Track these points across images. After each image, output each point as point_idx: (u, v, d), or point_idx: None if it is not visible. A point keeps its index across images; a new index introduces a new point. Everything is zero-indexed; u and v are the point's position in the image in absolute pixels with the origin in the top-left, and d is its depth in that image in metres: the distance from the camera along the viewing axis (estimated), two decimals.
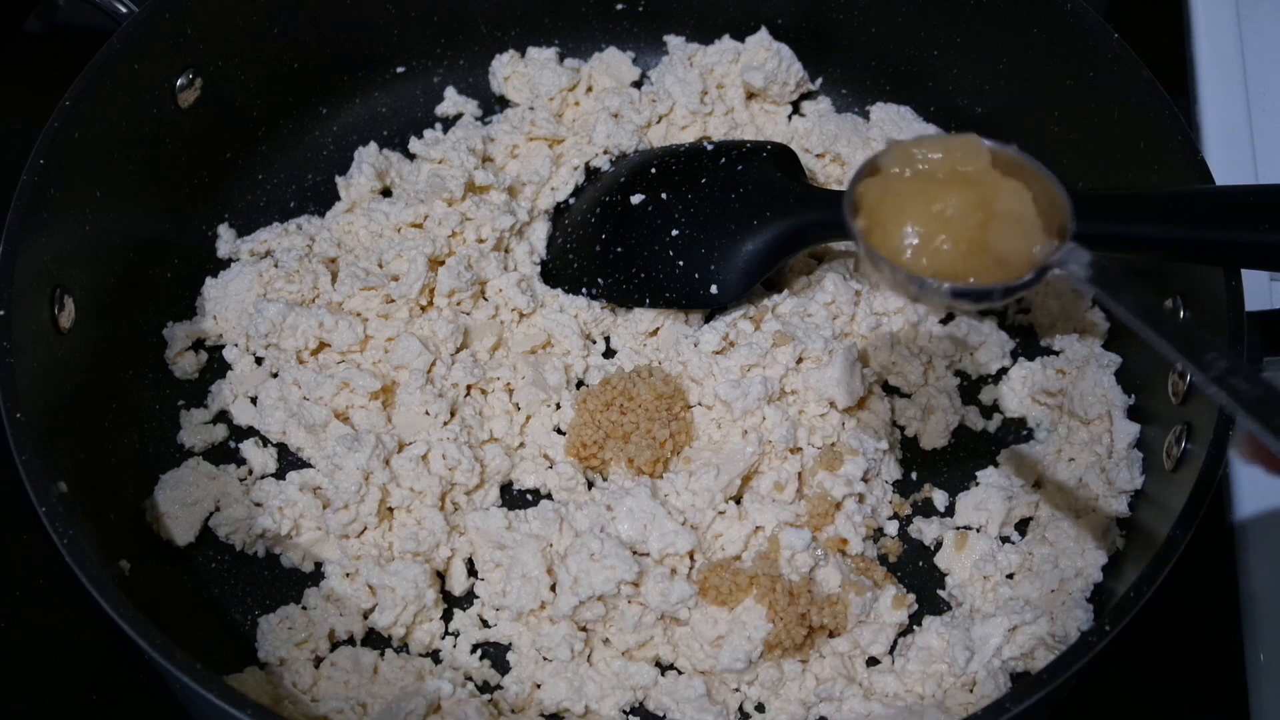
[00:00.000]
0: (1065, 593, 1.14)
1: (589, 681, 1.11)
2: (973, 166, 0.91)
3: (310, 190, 1.41)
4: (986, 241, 0.89)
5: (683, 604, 1.10)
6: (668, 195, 1.30)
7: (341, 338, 1.24)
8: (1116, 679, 1.09)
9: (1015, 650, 1.10)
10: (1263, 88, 1.53)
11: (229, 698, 0.88)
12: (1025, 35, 1.31)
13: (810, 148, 1.41)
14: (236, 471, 1.22)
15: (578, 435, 1.21)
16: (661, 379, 1.22)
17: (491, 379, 1.26)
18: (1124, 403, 1.23)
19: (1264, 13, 1.58)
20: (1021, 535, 1.21)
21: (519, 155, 1.41)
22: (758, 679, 1.11)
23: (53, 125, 1.13)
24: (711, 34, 1.47)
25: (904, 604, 1.14)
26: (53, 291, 1.12)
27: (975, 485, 1.23)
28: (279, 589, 1.18)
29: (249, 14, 1.32)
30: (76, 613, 1.13)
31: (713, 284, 1.26)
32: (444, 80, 1.48)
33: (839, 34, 1.44)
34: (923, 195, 0.91)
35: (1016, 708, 0.91)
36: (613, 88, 1.44)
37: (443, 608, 1.17)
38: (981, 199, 0.90)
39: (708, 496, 1.16)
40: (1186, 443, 1.09)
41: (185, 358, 1.29)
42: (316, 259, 1.32)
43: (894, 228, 0.91)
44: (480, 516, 1.17)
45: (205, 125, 1.32)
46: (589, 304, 1.30)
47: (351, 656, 1.12)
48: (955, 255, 0.89)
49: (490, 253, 1.31)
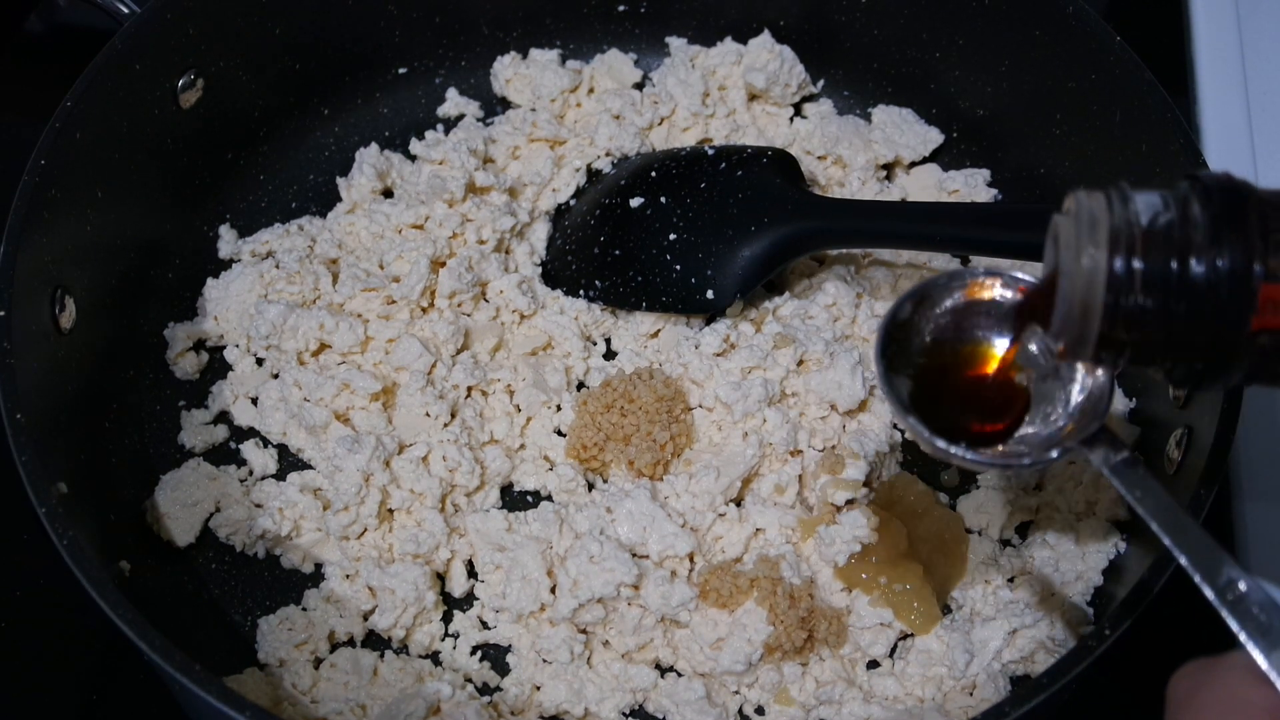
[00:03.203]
0: (1065, 596, 1.14)
1: (589, 684, 1.11)
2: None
3: (311, 191, 1.41)
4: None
5: (683, 606, 1.10)
6: (667, 199, 1.30)
7: (342, 339, 1.24)
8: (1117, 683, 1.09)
9: (1015, 654, 1.10)
10: (1263, 88, 1.52)
11: (228, 699, 0.88)
12: (1027, 37, 1.31)
13: (812, 150, 1.41)
14: (237, 472, 1.22)
15: (578, 437, 1.21)
16: (662, 381, 1.22)
17: (492, 380, 1.26)
18: (1125, 406, 1.23)
19: (1264, 13, 1.58)
20: (1022, 538, 1.21)
21: (520, 156, 1.41)
22: (757, 681, 1.11)
23: (54, 125, 1.13)
24: (714, 36, 1.47)
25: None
26: (53, 292, 1.12)
27: (976, 488, 1.23)
28: (279, 590, 1.18)
29: (251, 15, 1.32)
30: (76, 613, 1.12)
31: (709, 289, 1.26)
32: (446, 81, 1.48)
33: (841, 36, 1.44)
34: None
35: (1016, 711, 0.91)
36: (614, 89, 1.44)
37: (443, 609, 1.17)
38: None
39: (708, 499, 1.16)
40: (1188, 447, 1.09)
41: (186, 358, 1.29)
42: (317, 260, 1.32)
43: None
44: (480, 518, 1.17)
45: (207, 126, 1.32)
46: (589, 306, 1.30)
47: (351, 658, 1.12)
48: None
49: (491, 254, 1.31)
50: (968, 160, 1.42)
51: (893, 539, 1.15)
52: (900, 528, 1.16)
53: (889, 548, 1.14)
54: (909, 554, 1.15)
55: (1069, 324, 0.76)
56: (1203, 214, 0.72)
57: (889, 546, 1.14)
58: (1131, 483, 0.84)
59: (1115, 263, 0.72)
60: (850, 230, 1.25)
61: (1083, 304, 0.74)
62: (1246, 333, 0.71)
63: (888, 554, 1.14)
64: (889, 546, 1.14)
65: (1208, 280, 0.71)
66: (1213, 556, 0.76)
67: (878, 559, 1.13)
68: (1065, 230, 0.76)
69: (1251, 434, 1.28)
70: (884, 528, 1.15)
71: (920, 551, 1.16)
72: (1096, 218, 0.74)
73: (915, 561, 1.14)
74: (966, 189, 1.39)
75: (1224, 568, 0.75)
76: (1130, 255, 0.73)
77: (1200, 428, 1.07)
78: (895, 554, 1.14)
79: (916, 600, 1.12)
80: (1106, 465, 0.85)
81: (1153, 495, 0.82)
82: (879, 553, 1.13)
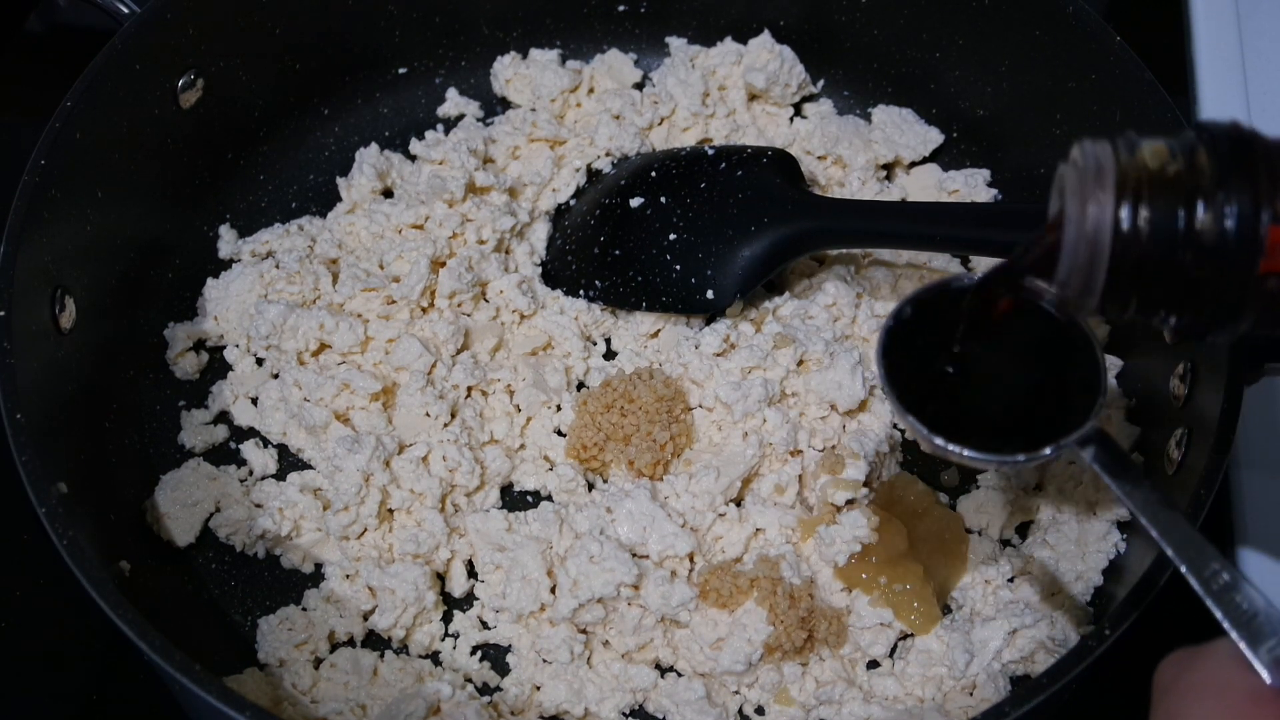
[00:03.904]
0: (1065, 596, 1.14)
1: (589, 684, 1.11)
2: None
3: (311, 191, 1.41)
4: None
5: (683, 606, 1.10)
6: (667, 199, 1.30)
7: (342, 339, 1.24)
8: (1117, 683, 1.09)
9: (1015, 654, 1.10)
10: (1263, 88, 1.52)
11: (228, 699, 0.88)
12: (1027, 37, 1.31)
13: (812, 150, 1.41)
14: (237, 472, 1.23)
15: (578, 437, 1.21)
16: (662, 381, 1.22)
17: (492, 380, 1.26)
18: (1125, 405, 1.23)
19: (1264, 13, 1.58)
20: (1022, 538, 1.21)
21: (520, 156, 1.41)
22: (757, 681, 1.11)
23: (54, 125, 1.13)
24: (714, 36, 1.47)
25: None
26: (53, 292, 1.12)
27: (976, 488, 1.23)
28: (279, 590, 1.18)
29: (251, 15, 1.32)
30: (76, 613, 1.13)
31: (709, 289, 1.26)
32: (446, 81, 1.48)
33: (841, 36, 1.44)
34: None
35: (1016, 711, 0.91)
36: (614, 89, 1.44)
37: (442, 609, 1.17)
38: None
39: (708, 499, 1.16)
40: (1188, 447, 1.09)
41: (186, 358, 1.29)
42: (317, 260, 1.32)
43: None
44: (480, 518, 1.17)
45: (207, 126, 1.32)
46: (589, 306, 1.30)
47: (351, 658, 1.12)
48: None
49: (491, 254, 1.31)
50: (968, 160, 1.42)
51: (893, 539, 1.15)
52: (900, 528, 1.16)
53: (889, 548, 1.14)
54: (909, 554, 1.15)
55: (1075, 273, 0.75)
56: (1210, 161, 0.72)
57: (889, 546, 1.14)
58: (1123, 480, 0.85)
59: (1122, 210, 0.72)
60: (850, 230, 1.25)
61: (1089, 251, 0.74)
62: (1255, 275, 0.70)
63: (888, 554, 1.14)
64: (889, 546, 1.14)
65: (1216, 226, 0.71)
66: (1199, 550, 0.77)
67: (878, 559, 1.13)
68: (1071, 178, 0.75)
69: (1252, 434, 1.28)
70: (884, 528, 1.15)
71: (920, 551, 1.16)
72: (1103, 165, 0.73)
73: (915, 561, 1.14)
74: (966, 189, 1.39)
75: (1209, 560, 0.76)
76: (1137, 202, 0.72)
77: (1200, 428, 1.07)
78: (895, 554, 1.14)
79: (916, 600, 1.12)
80: (1098, 462, 0.86)
81: (1142, 491, 0.83)
82: (879, 553, 1.14)
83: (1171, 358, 1.16)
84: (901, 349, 0.94)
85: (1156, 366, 1.19)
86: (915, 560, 1.14)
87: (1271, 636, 0.67)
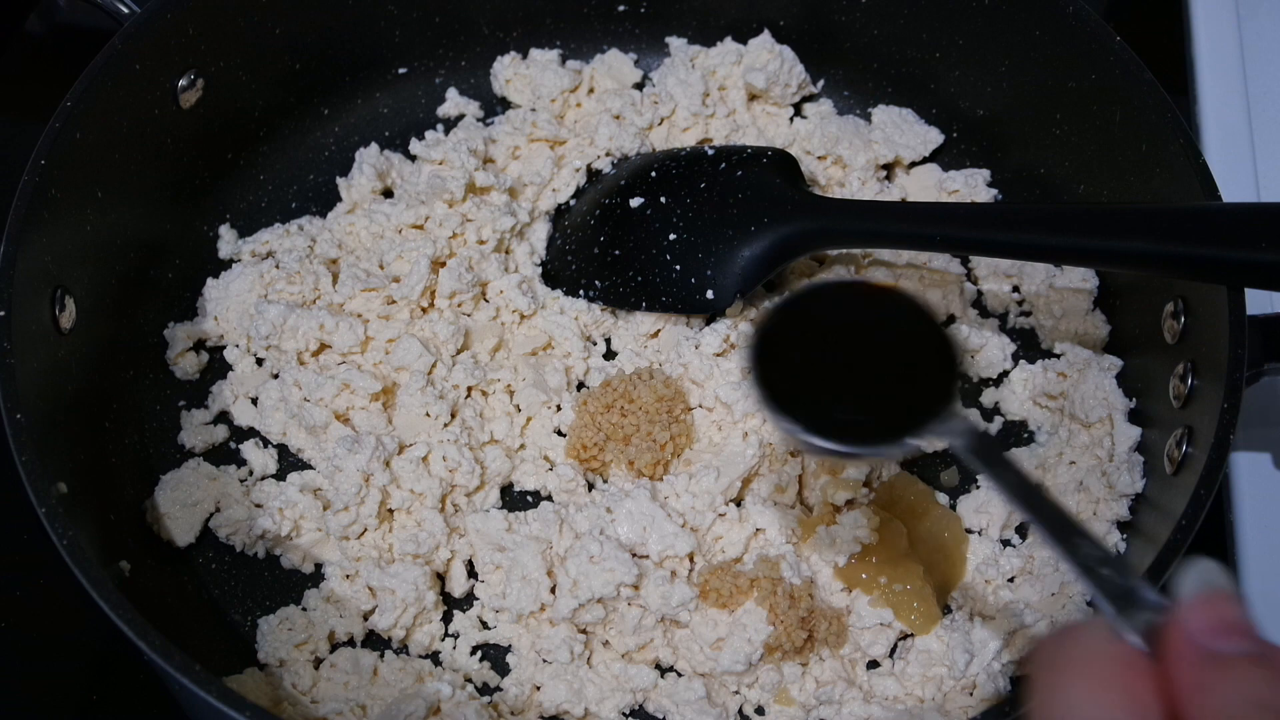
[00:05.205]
0: (1066, 596, 1.14)
1: (589, 684, 1.11)
2: None
3: (311, 191, 1.41)
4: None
5: (683, 606, 1.10)
6: (666, 199, 1.30)
7: (342, 339, 1.24)
8: None
9: (1016, 654, 1.10)
10: (1263, 88, 1.53)
11: (228, 699, 0.88)
12: (1027, 38, 1.31)
13: (812, 150, 1.41)
14: (237, 472, 1.22)
15: (578, 437, 1.21)
16: (662, 381, 1.22)
17: (492, 381, 1.26)
18: (1125, 406, 1.23)
19: (1264, 13, 1.58)
20: (1022, 538, 1.21)
21: (520, 156, 1.41)
22: (757, 681, 1.11)
23: (54, 126, 1.12)
24: (714, 36, 1.47)
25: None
26: (53, 292, 1.12)
27: (976, 488, 1.23)
28: (279, 590, 1.18)
29: (251, 15, 1.32)
30: (76, 613, 1.13)
31: (709, 289, 1.26)
32: (446, 81, 1.48)
33: (841, 36, 1.44)
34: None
35: (1016, 711, 0.91)
36: (614, 89, 1.44)
37: (442, 609, 1.17)
38: None
39: (708, 499, 1.16)
40: (1187, 447, 1.09)
41: (186, 358, 1.29)
42: (317, 260, 1.32)
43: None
44: (480, 518, 1.17)
45: (207, 126, 1.32)
46: (589, 306, 1.30)
47: (351, 658, 1.12)
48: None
49: (491, 254, 1.31)
50: (968, 160, 1.42)
51: (893, 539, 1.15)
52: (900, 528, 1.16)
53: (889, 548, 1.14)
54: (909, 554, 1.15)
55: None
56: None
57: (889, 546, 1.14)
58: (988, 460, 0.84)
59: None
60: (850, 230, 1.25)
61: None
62: None
63: (888, 554, 1.14)
64: (889, 546, 1.14)
65: None
66: (1068, 526, 0.77)
67: (878, 559, 1.14)
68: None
69: (1252, 434, 1.28)
70: (884, 528, 1.15)
71: (920, 551, 1.16)
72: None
73: (915, 561, 1.15)
74: (966, 189, 1.39)
75: (1076, 537, 0.76)
76: None
77: (1200, 428, 1.07)
78: (895, 554, 1.14)
79: (916, 600, 1.12)
80: (961, 442, 0.86)
81: (1010, 471, 0.83)
82: (879, 553, 1.14)
83: (1171, 358, 1.16)
84: (772, 357, 0.92)
85: (1156, 366, 1.19)
86: (915, 560, 1.14)
87: (1144, 609, 0.68)
